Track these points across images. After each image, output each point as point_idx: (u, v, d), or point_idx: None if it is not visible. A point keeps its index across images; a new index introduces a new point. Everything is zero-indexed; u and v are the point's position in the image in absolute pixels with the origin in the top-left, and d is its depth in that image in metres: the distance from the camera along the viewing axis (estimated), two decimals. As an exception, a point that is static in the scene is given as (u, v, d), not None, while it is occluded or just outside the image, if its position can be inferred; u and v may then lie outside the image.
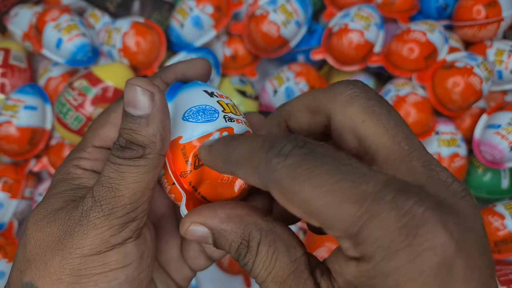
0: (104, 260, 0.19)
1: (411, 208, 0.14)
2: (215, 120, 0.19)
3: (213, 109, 0.20)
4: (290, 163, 0.15)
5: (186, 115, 0.20)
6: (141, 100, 0.18)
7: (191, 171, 0.19)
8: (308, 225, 0.21)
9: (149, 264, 0.21)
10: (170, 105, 0.20)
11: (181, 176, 0.19)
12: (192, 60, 0.23)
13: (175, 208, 0.25)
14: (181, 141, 0.19)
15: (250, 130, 0.21)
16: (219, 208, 0.18)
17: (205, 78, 0.23)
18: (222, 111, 0.20)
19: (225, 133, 0.19)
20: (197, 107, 0.20)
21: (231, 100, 0.21)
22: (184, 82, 0.22)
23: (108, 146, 0.22)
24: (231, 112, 0.20)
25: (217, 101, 0.20)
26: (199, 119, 0.19)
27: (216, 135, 0.19)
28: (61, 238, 0.19)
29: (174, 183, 0.20)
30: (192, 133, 0.19)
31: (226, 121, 0.20)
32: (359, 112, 0.17)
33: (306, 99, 0.20)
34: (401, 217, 0.14)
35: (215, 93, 0.21)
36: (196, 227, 0.18)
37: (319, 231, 0.19)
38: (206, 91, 0.21)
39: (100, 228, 0.19)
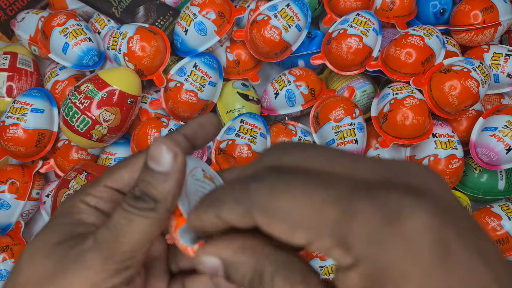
0: None
1: (385, 198, 0.15)
2: None
3: None
4: (266, 184, 0.16)
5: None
6: (164, 158, 0.19)
7: None
8: None
9: None
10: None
11: None
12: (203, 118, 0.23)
13: (168, 253, 0.26)
14: None
15: None
16: (233, 238, 0.18)
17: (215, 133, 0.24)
18: None
19: None
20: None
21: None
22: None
23: (118, 188, 0.22)
24: None
25: None
26: None
27: None
28: (53, 274, 0.19)
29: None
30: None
31: None
32: None
33: None
34: (379, 208, 0.15)
35: None
36: (208, 258, 0.18)
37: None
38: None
39: (93, 270, 0.19)
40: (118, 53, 0.55)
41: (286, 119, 0.61)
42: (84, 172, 0.51)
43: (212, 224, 0.18)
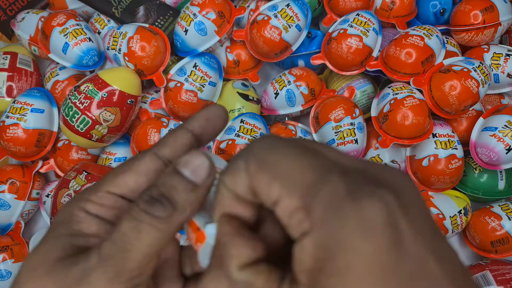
0: None
1: (356, 181, 0.16)
2: None
3: None
4: (265, 140, 0.18)
5: None
6: (202, 170, 0.19)
7: None
8: None
9: None
10: None
11: None
12: (210, 108, 0.23)
13: (180, 255, 0.23)
14: None
15: None
16: (258, 265, 0.17)
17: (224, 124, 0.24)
18: None
19: None
20: None
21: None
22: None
23: (121, 193, 0.21)
24: None
25: None
26: None
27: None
28: None
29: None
30: None
31: None
32: None
33: None
34: (348, 186, 0.16)
35: None
36: (238, 273, 0.17)
37: None
38: None
39: None
40: (118, 53, 0.55)
41: (286, 119, 0.61)
42: (84, 172, 0.51)
43: (228, 200, 0.18)
